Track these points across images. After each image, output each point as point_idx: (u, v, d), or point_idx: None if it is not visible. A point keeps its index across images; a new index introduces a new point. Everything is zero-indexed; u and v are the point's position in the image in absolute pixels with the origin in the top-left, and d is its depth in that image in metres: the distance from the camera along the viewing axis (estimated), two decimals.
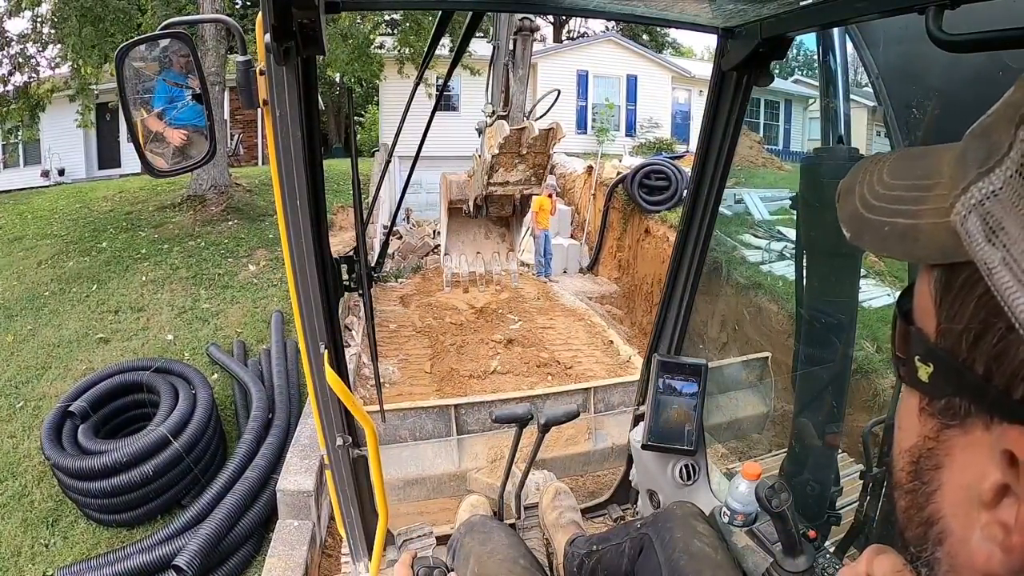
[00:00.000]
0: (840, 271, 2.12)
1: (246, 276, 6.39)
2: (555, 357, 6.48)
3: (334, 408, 1.27)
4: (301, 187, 1.00)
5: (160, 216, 7.91)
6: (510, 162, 3.35)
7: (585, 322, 7.88)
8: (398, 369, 5.98)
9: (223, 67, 7.75)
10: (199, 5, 7.09)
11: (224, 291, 6.07)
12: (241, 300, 5.93)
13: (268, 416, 4.11)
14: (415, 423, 3.70)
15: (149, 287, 6.10)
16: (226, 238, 7.24)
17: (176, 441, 3.59)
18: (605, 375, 6.11)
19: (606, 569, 1.38)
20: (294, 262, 1.10)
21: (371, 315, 1.31)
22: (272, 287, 6.22)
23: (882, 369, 4.24)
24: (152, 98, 1.03)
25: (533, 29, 2.89)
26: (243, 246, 7.03)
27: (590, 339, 7.28)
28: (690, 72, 16.17)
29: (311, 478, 3.01)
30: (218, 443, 4.06)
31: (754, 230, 8.83)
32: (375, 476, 1.25)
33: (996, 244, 0.23)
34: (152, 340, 5.29)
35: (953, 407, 0.28)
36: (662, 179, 9.55)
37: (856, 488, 2.04)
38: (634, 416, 1.77)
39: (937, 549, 0.31)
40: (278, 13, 0.76)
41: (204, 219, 7.64)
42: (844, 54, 2.01)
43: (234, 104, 12.51)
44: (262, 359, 4.94)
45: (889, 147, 2.02)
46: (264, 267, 6.60)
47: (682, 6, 1.17)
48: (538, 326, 7.40)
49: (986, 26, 0.73)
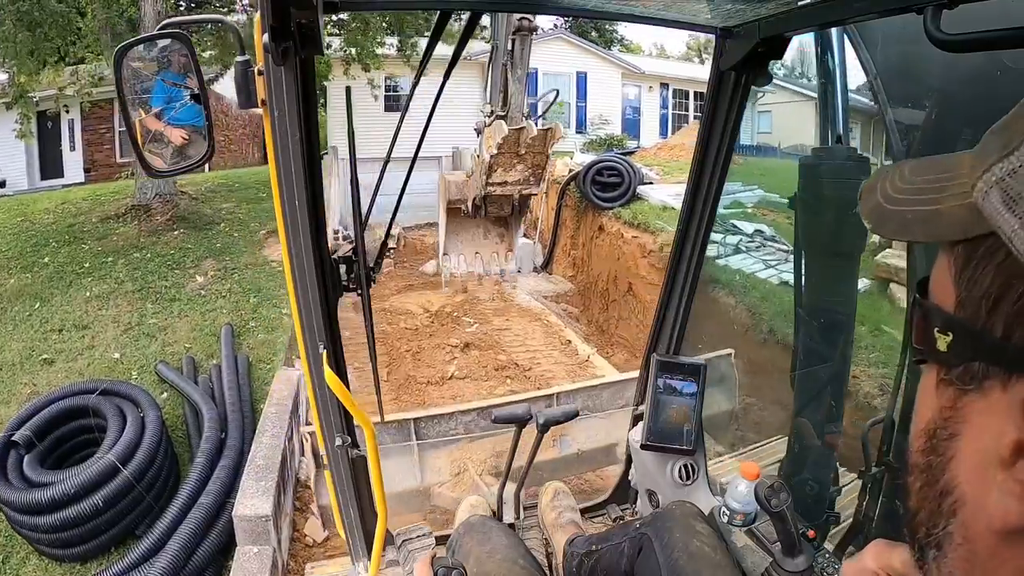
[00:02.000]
0: (839, 270, 2.13)
1: (194, 288, 6.20)
2: (513, 359, 6.40)
3: (333, 408, 1.28)
4: (300, 187, 1.00)
5: (104, 227, 7.58)
6: (509, 162, 3.36)
7: (541, 322, 7.80)
8: (354, 379, 5.85)
9: None
10: (140, 9, 6.82)
11: (171, 304, 5.88)
12: (189, 313, 5.75)
13: (221, 436, 3.95)
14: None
15: (94, 303, 5.86)
16: (172, 249, 6.99)
17: (125, 468, 3.43)
18: (565, 376, 6.04)
19: (605, 569, 1.38)
20: (293, 262, 1.09)
21: (370, 315, 1.31)
22: (221, 299, 6.03)
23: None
24: (150, 98, 1.03)
25: (532, 29, 2.88)
26: (190, 257, 6.81)
27: (547, 339, 7.20)
28: (640, 68, 16.17)
29: (268, 501, 2.88)
30: (170, 467, 3.89)
31: None
32: (374, 476, 1.25)
33: (1016, 212, 0.25)
34: (98, 359, 5.09)
35: (971, 371, 0.29)
36: (614, 175, 9.49)
37: (854, 487, 2.05)
38: (633, 416, 1.77)
39: (951, 521, 0.31)
40: (276, 13, 0.76)
41: (149, 229, 7.36)
42: (842, 54, 2.01)
43: None
44: (213, 375, 4.75)
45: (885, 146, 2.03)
46: (212, 278, 6.39)
47: (680, 6, 1.17)
48: (494, 328, 7.29)
49: (984, 26, 0.73)
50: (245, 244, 7.20)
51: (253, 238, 7.40)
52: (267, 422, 3.56)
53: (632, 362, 8.14)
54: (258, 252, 7.06)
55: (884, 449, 1.84)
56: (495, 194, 9.54)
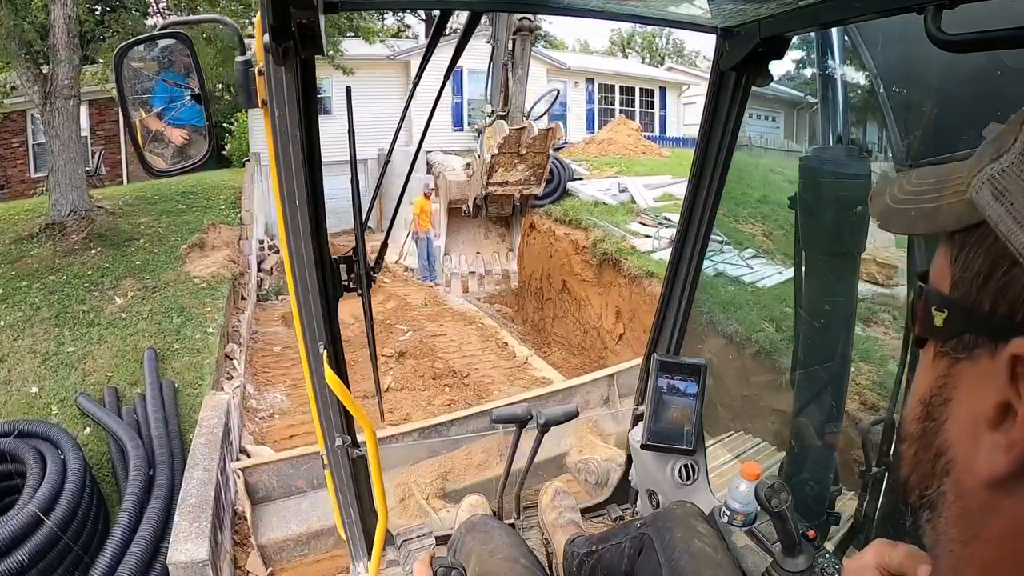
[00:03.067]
0: (839, 270, 2.12)
1: (113, 311, 5.80)
2: (450, 367, 6.25)
3: (333, 408, 1.28)
4: (300, 187, 1.00)
5: (17, 249, 6.96)
6: (509, 162, 3.35)
7: (476, 325, 7.69)
8: (286, 397, 5.66)
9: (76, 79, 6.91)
10: (49, 12, 6.46)
11: (90, 330, 5.48)
12: (110, 339, 5.34)
13: (149, 473, 3.65)
14: (311, 470, 3.49)
15: (8, 333, 5.41)
16: (90, 269, 6.48)
17: (49, 518, 3.13)
18: (504, 380, 5.93)
19: (606, 569, 1.38)
20: (293, 262, 1.09)
21: (370, 315, 1.31)
22: (142, 320, 5.63)
23: (784, 348, 4.19)
24: (150, 98, 1.03)
25: (532, 29, 2.88)
26: (108, 277, 6.35)
27: (484, 343, 7.08)
28: (565, 64, 16.03)
29: (204, 544, 2.69)
30: (97, 512, 3.55)
31: (641, 218, 8.78)
32: (374, 476, 1.25)
33: (1003, 203, 0.30)
34: (16, 395, 4.69)
35: (963, 342, 0.33)
36: None
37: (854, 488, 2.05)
38: (633, 416, 1.78)
39: (943, 481, 0.35)
40: (277, 13, 0.76)
41: (65, 249, 6.79)
42: (843, 54, 2.01)
43: (94, 119, 11.50)
44: (137, 406, 4.39)
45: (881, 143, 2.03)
46: (132, 298, 6.00)
47: (680, 6, 1.17)
48: (429, 334, 7.16)
49: (985, 26, 0.73)
50: (166, 260, 6.83)
51: (174, 253, 7.01)
52: (197, 455, 3.37)
53: (570, 360, 8.13)
54: (180, 268, 6.71)
55: (884, 449, 1.84)
56: (496, 194, 9.53)
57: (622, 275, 7.32)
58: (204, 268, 6.78)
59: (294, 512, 3.46)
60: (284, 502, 3.51)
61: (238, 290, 7.28)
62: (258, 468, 3.52)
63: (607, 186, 9.87)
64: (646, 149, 13.70)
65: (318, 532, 3.40)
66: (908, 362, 1.87)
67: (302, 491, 3.52)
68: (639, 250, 7.56)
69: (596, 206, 9.05)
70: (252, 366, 6.42)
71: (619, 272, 7.39)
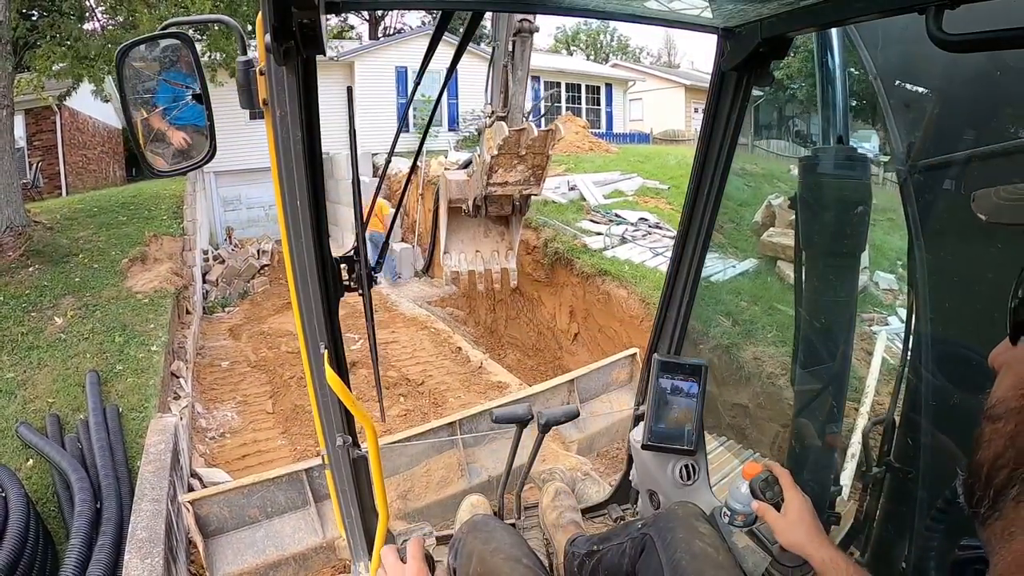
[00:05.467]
0: (839, 270, 2.12)
1: (53, 331, 5.52)
2: (404, 375, 6.12)
3: (334, 408, 1.28)
4: (301, 187, 1.00)
5: None
6: (509, 163, 3.35)
7: (429, 330, 7.57)
8: (237, 414, 5.54)
9: (10, 87, 6.60)
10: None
11: (29, 353, 5.19)
12: (50, 362, 5.07)
13: (96, 506, 3.43)
14: (264, 497, 3.34)
15: None
16: (27, 288, 6.17)
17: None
18: (460, 387, 5.81)
19: (607, 569, 1.38)
20: (294, 262, 1.10)
21: (371, 316, 1.31)
22: (83, 341, 5.35)
23: (741, 343, 4.18)
24: (152, 98, 1.03)
25: (532, 30, 2.88)
26: (47, 296, 6.08)
27: (437, 348, 6.95)
28: None
29: None
30: (44, 551, 3.29)
31: (592, 215, 8.74)
32: (375, 476, 1.25)
33: None
34: None
35: None
36: None
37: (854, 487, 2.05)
38: (634, 416, 1.78)
39: None
40: (278, 13, 0.76)
41: (1, 268, 6.49)
42: (843, 54, 2.01)
43: (30, 129, 10.77)
44: (80, 433, 4.15)
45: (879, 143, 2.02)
46: (72, 318, 5.72)
47: (681, 6, 1.17)
48: (380, 341, 6.93)
49: (986, 26, 0.73)
50: (106, 276, 6.56)
51: (115, 268, 6.72)
52: (145, 484, 3.23)
53: (525, 362, 8.00)
54: (121, 284, 6.46)
55: (885, 449, 1.84)
56: (496, 194, 9.51)
57: (575, 274, 7.25)
58: (146, 283, 6.55)
59: (249, 544, 3.29)
60: (238, 533, 3.32)
61: (182, 304, 7.06)
62: (208, 499, 3.30)
63: (556, 184, 9.77)
64: (594, 146, 13.55)
65: (276, 562, 3.26)
66: (908, 362, 1.87)
67: (256, 520, 3.35)
68: (591, 248, 7.50)
69: (546, 204, 8.92)
70: (200, 383, 6.27)
71: (572, 271, 7.32)
